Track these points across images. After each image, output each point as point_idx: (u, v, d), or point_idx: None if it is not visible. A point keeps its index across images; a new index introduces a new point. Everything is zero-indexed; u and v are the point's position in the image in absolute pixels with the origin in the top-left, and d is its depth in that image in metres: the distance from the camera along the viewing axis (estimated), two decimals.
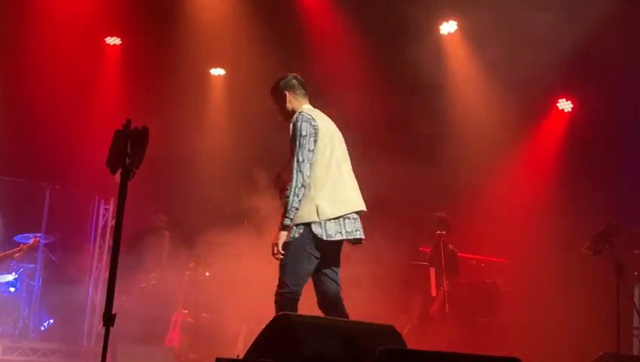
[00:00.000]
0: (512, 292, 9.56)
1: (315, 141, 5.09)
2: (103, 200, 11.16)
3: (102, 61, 11.37)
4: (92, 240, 11.05)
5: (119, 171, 4.37)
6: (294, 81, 5.47)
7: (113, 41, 11.35)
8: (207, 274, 9.90)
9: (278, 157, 9.95)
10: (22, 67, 10.47)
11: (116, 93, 11.15)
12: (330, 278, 5.22)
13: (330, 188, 5.10)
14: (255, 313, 8.47)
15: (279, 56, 10.12)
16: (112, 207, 11.07)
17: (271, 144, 9.92)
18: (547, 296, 9.40)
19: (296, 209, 5.01)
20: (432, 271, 9.03)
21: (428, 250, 9.36)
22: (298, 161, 5.04)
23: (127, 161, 4.32)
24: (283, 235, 5.05)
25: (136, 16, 10.51)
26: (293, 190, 5.00)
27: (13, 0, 10.47)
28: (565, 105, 11.10)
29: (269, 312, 4.77)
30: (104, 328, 4.14)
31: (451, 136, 10.56)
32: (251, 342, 4.50)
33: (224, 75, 11.82)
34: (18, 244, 10.70)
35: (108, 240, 10.80)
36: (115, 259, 4.29)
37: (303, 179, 5.01)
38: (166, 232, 10.67)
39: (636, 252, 9.05)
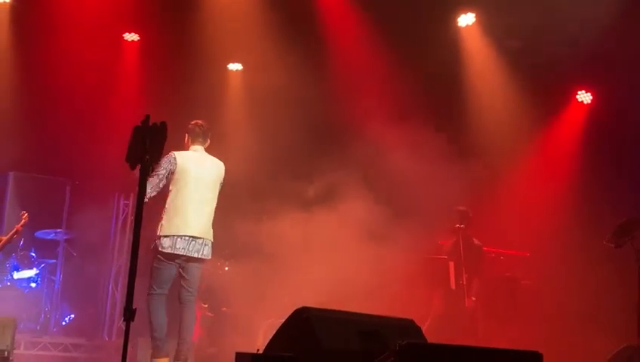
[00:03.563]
0: (532, 285, 9.51)
1: (173, 175, 6.63)
2: (122, 196, 11.22)
3: (120, 57, 11.40)
4: (112, 235, 11.11)
5: (138, 166, 4.39)
6: (196, 129, 6.98)
7: (131, 37, 11.37)
8: (227, 268, 9.93)
9: (294, 148, 10.01)
10: (41, 65, 10.52)
11: (134, 90, 11.18)
12: (183, 286, 6.71)
13: (172, 213, 6.59)
14: (274, 307, 8.50)
15: (296, 49, 10.11)
16: (131, 202, 11.12)
17: (286, 136, 9.96)
18: (568, 289, 9.34)
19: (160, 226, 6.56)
20: (452, 265, 8.99)
21: (446, 243, 9.32)
22: (150, 185, 6.44)
23: (146, 156, 4.34)
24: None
25: (154, 12, 10.53)
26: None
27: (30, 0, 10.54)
28: (585, 96, 11.02)
29: (288, 306, 4.77)
30: (125, 322, 4.17)
31: (470, 129, 10.51)
32: (271, 337, 4.51)
33: (242, 70, 11.80)
34: (39, 240, 10.80)
35: (128, 235, 10.86)
36: (135, 253, 4.31)
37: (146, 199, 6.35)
38: None
39: None
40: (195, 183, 6.73)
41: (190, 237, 6.62)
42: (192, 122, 7.00)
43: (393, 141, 9.58)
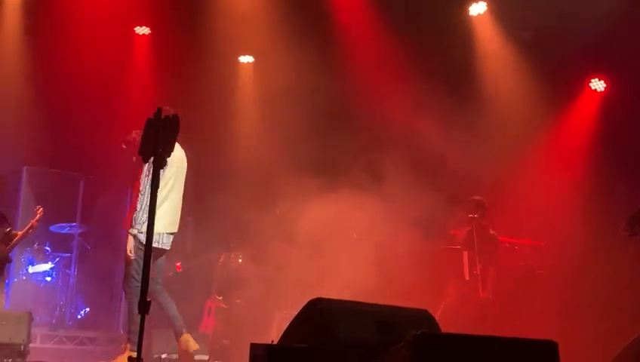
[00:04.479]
0: (546, 274, 9.47)
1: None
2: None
3: (132, 51, 11.42)
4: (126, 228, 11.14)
5: (151, 159, 4.39)
6: None
7: (142, 30, 11.38)
8: (240, 260, 9.95)
9: (307, 138, 10.00)
10: (53, 60, 10.56)
11: (146, 83, 11.19)
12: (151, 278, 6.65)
13: (159, 212, 6.34)
14: (288, 299, 8.52)
15: (306, 41, 10.09)
16: None
17: (299, 126, 9.95)
18: (583, 278, 9.30)
19: (143, 222, 6.46)
20: (465, 254, 8.96)
21: (460, 233, 9.28)
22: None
23: (159, 149, 4.34)
24: (130, 241, 6.59)
25: (166, 4, 10.54)
26: (142, 209, 6.50)
27: None
28: (598, 85, 10.94)
29: (302, 298, 4.78)
30: (139, 315, 4.18)
31: (482, 118, 10.46)
32: (285, 328, 4.52)
33: (253, 62, 11.78)
34: (54, 234, 10.86)
35: None
36: (149, 247, 4.33)
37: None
38: (189, 218, 10.69)
39: None
40: (175, 175, 6.80)
41: (172, 233, 6.87)
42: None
43: (404, 129, 9.56)
